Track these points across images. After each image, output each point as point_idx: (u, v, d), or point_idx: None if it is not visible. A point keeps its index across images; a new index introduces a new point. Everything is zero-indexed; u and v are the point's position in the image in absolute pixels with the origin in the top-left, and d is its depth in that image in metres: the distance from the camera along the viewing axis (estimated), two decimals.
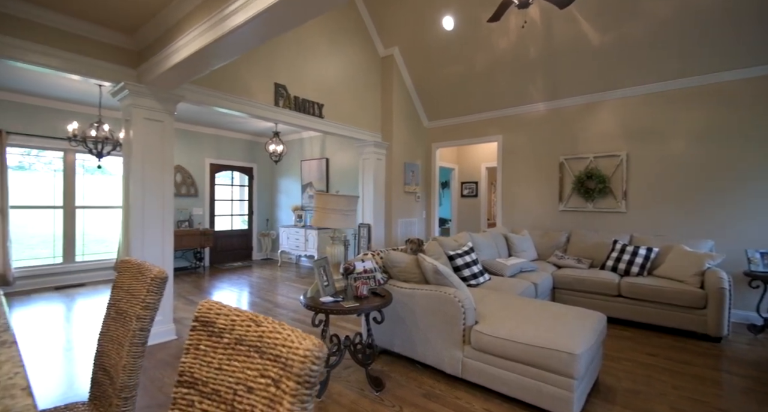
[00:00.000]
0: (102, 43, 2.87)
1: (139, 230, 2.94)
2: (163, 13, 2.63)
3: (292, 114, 4.16)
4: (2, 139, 4.28)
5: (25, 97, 4.60)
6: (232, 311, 0.82)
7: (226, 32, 2.12)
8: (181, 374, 0.81)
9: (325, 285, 2.34)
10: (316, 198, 2.51)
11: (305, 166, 6.88)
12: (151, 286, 1.20)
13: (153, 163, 3.03)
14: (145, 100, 2.96)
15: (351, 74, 4.91)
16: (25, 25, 2.52)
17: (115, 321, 1.34)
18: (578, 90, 4.54)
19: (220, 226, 6.92)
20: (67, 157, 5.00)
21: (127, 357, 1.16)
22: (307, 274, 6.01)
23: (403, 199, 5.56)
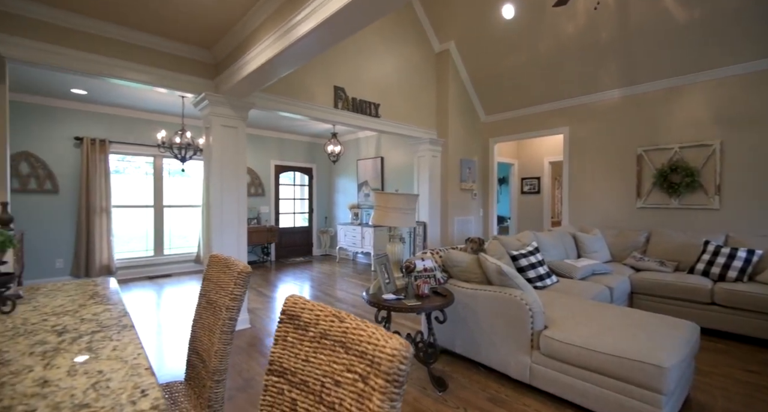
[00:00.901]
0: (185, 58, 3.19)
1: (218, 226, 3.23)
2: (236, 27, 2.85)
3: (350, 115, 4.27)
4: (106, 147, 4.96)
5: (123, 111, 5.28)
6: (315, 306, 0.87)
7: (293, 42, 2.23)
8: (271, 363, 0.88)
9: (386, 282, 2.38)
10: (376, 197, 2.55)
11: (361, 165, 7.04)
12: (238, 279, 1.31)
13: (229, 166, 3.31)
14: (222, 108, 3.24)
15: (406, 72, 4.91)
16: (123, 47, 2.89)
17: (206, 310, 1.49)
18: (660, 73, 4.07)
19: (284, 223, 7.36)
20: (156, 162, 5.67)
21: (218, 343, 1.28)
22: (363, 270, 6.16)
23: (459, 197, 5.45)
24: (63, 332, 0.94)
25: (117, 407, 0.61)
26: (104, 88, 4.32)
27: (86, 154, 4.79)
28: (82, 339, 0.90)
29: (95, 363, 0.77)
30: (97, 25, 2.71)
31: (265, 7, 2.48)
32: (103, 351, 0.83)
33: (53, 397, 0.64)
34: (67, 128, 4.82)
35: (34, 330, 0.96)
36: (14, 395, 0.64)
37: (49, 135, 4.71)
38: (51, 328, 0.98)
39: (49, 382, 0.69)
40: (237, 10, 2.61)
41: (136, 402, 0.62)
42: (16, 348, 0.84)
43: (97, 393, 0.65)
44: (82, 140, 4.81)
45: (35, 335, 0.93)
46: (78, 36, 2.66)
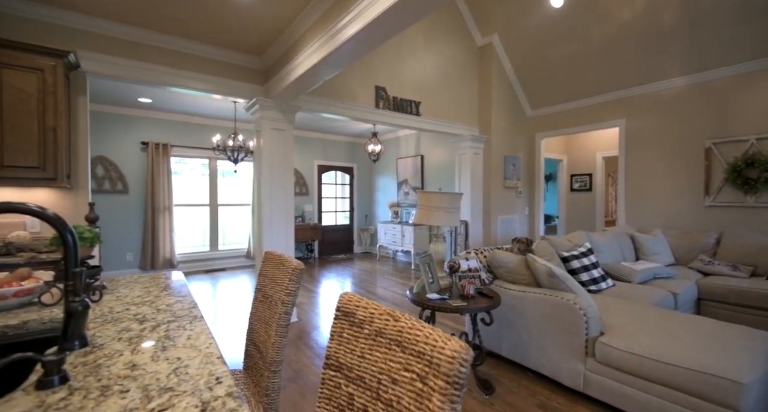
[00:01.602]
0: (238, 66, 3.38)
1: (268, 224, 3.40)
2: (284, 34, 2.96)
3: (391, 114, 4.29)
4: (168, 150, 5.39)
5: (182, 116, 5.70)
6: (369, 304, 0.89)
7: (339, 45, 2.29)
8: (327, 358, 0.92)
9: (430, 282, 2.37)
10: (420, 196, 2.55)
11: (401, 163, 7.04)
12: (292, 275, 1.37)
13: (278, 167, 3.46)
14: (271, 112, 3.39)
15: (447, 69, 4.83)
16: (184, 58, 3.11)
17: (262, 304, 1.57)
18: (732, 58, 3.66)
19: (326, 221, 7.57)
20: (211, 164, 6.07)
21: (274, 336, 1.35)
22: (403, 268, 6.18)
23: (503, 195, 5.28)
24: (143, 321, 1.05)
25: (196, 392, 0.66)
26: (166, 97, 4.69)
27: (151, 157, 5.25)
28: (159, 328, 0.99)
29: (173, 350, 0.85)
30: (161, 39, 2.95)
31: (312, 12, 2.56)
32: (179, 339, 0.91)
33: (142, 380, 0.71)
34: (135, 134, 5.31)
35: (119, 318, 1.07)
36: (110, 376, 0.73)
37: (120, 140, 5.21)
38: (133, 316, 1.09)
39: (137, 366, 0.77)
40: (285, 17, 2.72)
41: (212, 388, 0.68)
42: (106, 334, 0.95)
43: (178, 378, 0.72)
44: (148, 144, 5.27)
45: (120, 322, 1.04)
46: (145, 49, 2.92)
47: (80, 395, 0.65)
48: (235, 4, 2.53)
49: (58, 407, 0.61)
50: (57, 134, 2.27)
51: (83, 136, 2.63)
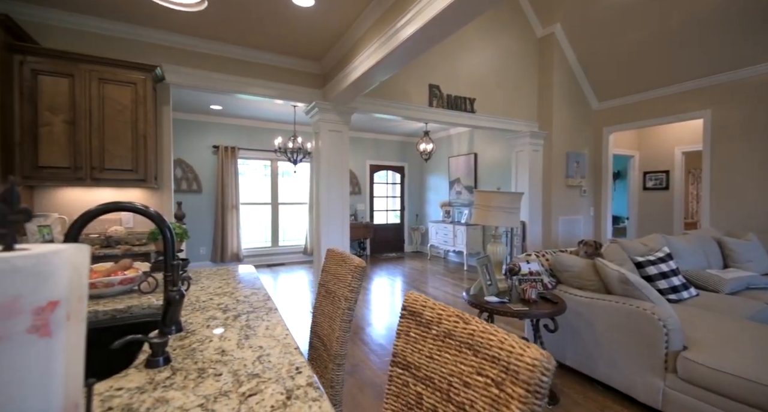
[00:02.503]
0: (299, 71, 3.55)
1: (326, 222, 3.54)
2: (342, 39, 3.05)
3: (445, 112, 4.23)
4: (235, 153, 5.84)
5: (247, 121, 6.13)
6: (437, 305, 0.89)
7: (396, 46, 2.31)
8: (394, 355, 0.94)
9: (488, 284, 2.30)
10: (477, 196, 2.49)
11: (453, 162, 6.92)
12: (355, 273, 1.41)
13: (334, 167, 3.59)
14: (329, 114, 3.52)
15: (504, 63, 4.65)
16: (249, 66, 3.34)
17: (325, 299, 1.64)
18: None
19: (377, 220, 7.68)
20: (272, 165, 6.46)
21: (338, 331, 1.40)
22: (455, 268, 6.07)
23: (565, 194, 4.96)
24: (226, 310, 1.15)
25: (280, 380, 0.72)
26: (234, 103, 5.08)
27: (221, 159, 5.72)
28: (240, 317, 1.08)
29: (255, 339, 0.92)
30: (231, 50, 3.20)
31: (370, 16, 2.61)
32: (258, 329, 0.99)
33: (231, 365, 0.78)
34: (207, 138, 5.82)
35: (205, 307, 1.18)
36: (204, 360, 0.81)
37: (194, 144, 5.75)
38: (216, 306, 1.19)
39: (226, 351, 0.85)
40: (343, 22, 2.80)
41: (294, 377, 0.73)
42: (196, 320, 1.06)
43: (262, 366, 0.78)
44: (218, 148, 5.75)
45: (207, 311, 1.14)
46: (217, 60, 3.18)
47: (181, 375, 0.74)
48: (298, 12, 2.65)
49: (165, 385, 0.70)
50: (147, 140, 2.57)
51: (167, 142, 2.94)
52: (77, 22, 2.65)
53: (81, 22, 2.66)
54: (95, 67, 2.41)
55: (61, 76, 2.32)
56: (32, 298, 0.42)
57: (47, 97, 2.28)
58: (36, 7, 2.51)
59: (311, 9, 2.62)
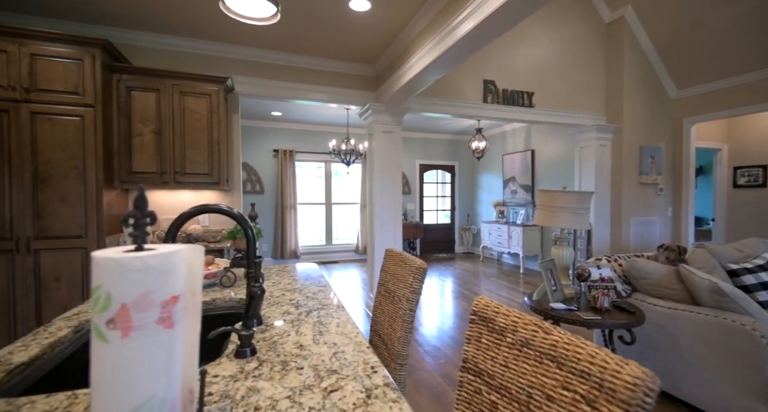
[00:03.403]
0: (353, 75, 3.64)
1: (379, 222, 3.59)
2: (396, 41, 3.07)
3: (500, 108, 4.07)
4: (293, 156, 6.15)
5: (303, 125, 6.42)
6: (511, 311, 0.86)
7: (453, 43, 2.26)
8: (465, 361, 0.92)
9: (553, 290, 2.18)
10: (541, 196, 2.36)
11: (507, 160, 6.64)
12: (416, 274, 1.41)
13: (387, 168, 3.62)
14: (382, 116, 3.56)
15: (566, 53, 4.36)
16: (307, 73, 3.48)
17: (385, 298, 1.66)
18: None
19: (427, 220, 7.62)
20: (326, 167, 6.70)
21: (400, 331, 1.41)
22: (510, 271, 5.82)
23: (638, 193, 4.52)
24: (298, 306, 1.21)
25: (358, 378, 0.74)
26: (292, 109, 5.34)
27: (280, 162, 6.05)
28: (312, 314, 1.13)
29: (328, 336, 0.96)
30: (291, 58, 3.36)
31: (425, 15, 2.59)
32: (330, 326, 1.03)
33: (310, 359, 0.82)
34: (268, 142, 6.19)
35: (279, 302, 1.26)
36: (285, 353, 0.85)
37: (257, 148, 6.14)
38: (289, 301, 1.26)
39: (303, 346, 0.89)
40: (398, 23, 2.81)
41: (370, 376, 0.74)
42: (273, 315, 1.12)
43: (339, 362, 0.81)
44: (278, 151, 6.10)
45: (281, 305, 1.21)
46: (279, 69, 3.36)
47: (267, 366, 0.79)
48: (354, 17, 2.71)
49: (254, 375, 0.75)
50: (219, 146, 2.79)
51: (236, 147, 3.18)
52: (160, 41, 2.96)
53: (163, 41, 2.96)
54: (177, 82, 2.67)
55: (150, 91, 2.61)
56: (160, 293, 0.47)
57: (138, 110, 2.58)
58: (127, 30, 2.84)
59: (367, 13, 2.66)
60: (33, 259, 2.17)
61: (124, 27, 2.80)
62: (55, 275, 2.21)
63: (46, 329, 0.98)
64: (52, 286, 2.21)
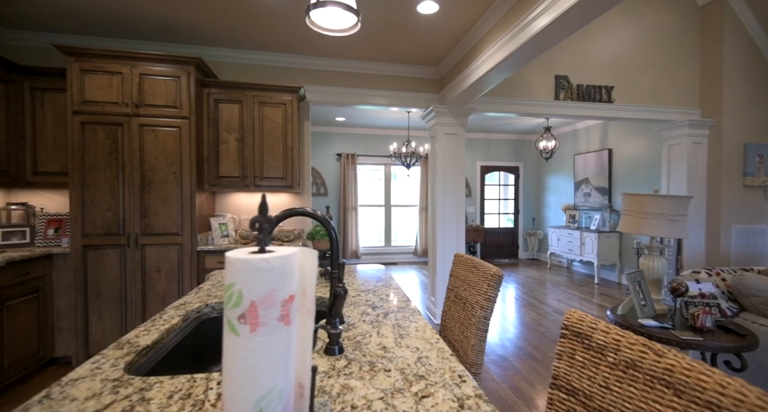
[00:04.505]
0: (416, 78, 3.65)
1: (441, 224, 3.55)
2: (462, 41, 3.02)
3: (574, 105, 3.79)
4: (355, 159, 6.34)
5: (364, 129, 6.59)
6: (611, 328, 0.79)
7: (526, 40, 2.16)
8: (555, 378, 0.87)
9: (642, 304, 1.97)
10: (627, 200, 2.15)
11: (579, 160, 6.16)
12: (491, 281, 1.37)
13: (450, 170, 3.57)
14: (445, 118, 3.52)
15: (651, 42, 3.93)
16: (370, 79, 3.56)
17: (455, 304, 1.63)
18: None
19: (488, 223, 7.36)
20: (385, 169, 6.80)
21: (473, 338, 1.38)
22: (582, 281, 5.38)
23: (742, 197, 3.92)
24: (375, 307, 1.24)
25: (447, 387, 0.73)
26: (355, 114, 5.51)
27: (343, 166, 6.28)
28: (389, 316, 1.15)
29: (408, 339, 0.96)
30: (357, 65, 3.47)
31: (495, 13, 2.51)
32: (409, 329, 1.03)
33: (396, 362, 0.83)
34: (332, 147, 6.47)
35: (356, 302, 1.29)
36: (370, 354, 0.88)
37: (322, 153, 6.44)
38: (365, 302, 1.30)
39: (387, 348, 0.91)
40: (465, 23, 2.76)
41: (460, 386, 0.73)
42: (352, 315, 1.16)
43: (425, 368, 0.81)
44: (341, 155, 6.33)
45: (358, 306, 1.25)
46: (345, 76, 3.48)
47: (356, 366, 0.81)
48: (421, 20, 2.72)
49: (345, 373, 0.78)
50: (293, 152, 2.98)
51: (307, 152, 3.36)
52: (242, 56, 3.24)
53: (244, 56, 3.24)
54: (257, 93, 2.90)
55: (234, 102, 2.87)
56: (281, 292, 0.51)
57: (224, 121, 2.85)
58: (214, 48, 3.16)
59: (434, 15, 2.65)
60: (140, 253, 2.51)
61: (211, 45, 3.12)
62: (156, 268, 2.53)
63: (161, 317, 1.12)
64: (154, 277, 2.53)
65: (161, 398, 0.68)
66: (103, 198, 2.45)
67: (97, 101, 2.44)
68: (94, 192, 2.44)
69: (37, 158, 2.60)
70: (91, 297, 2.44)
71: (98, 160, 2.44)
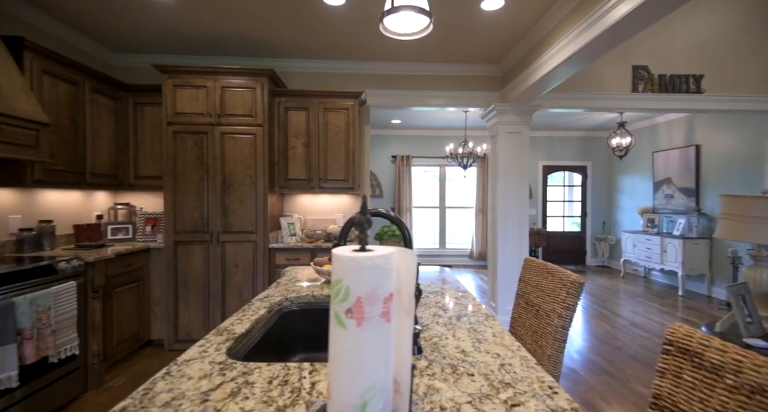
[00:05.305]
0: (475, 77, 3.57)
1: (502, 227, 3.42)
2: (527, 37, 2.89)
3: (656, 97, 3.44)
4: (409, 161, 6.37)
5: (420, 131, 6.59)
6: (728, 346, 0.70)
7: (604, 30, 2.01)
8: (656, 397, 0.79)
9: (747, 321, 1.72)
10: (727, 203, 1.90)
11: (659, 158, 5.56)
12: (571, 289, 1.29)
13: (512, 170, 3.43)
14: (507, 116, 3.39)
15: (749, 23, 3.43)
16: (427, 80, 3.54)
17: (526, 311, 1.56)
18: None
19: (551, 226, 6.94)
20: (440, 170, 6.73)
21: (550, 349, 1.31)
22: (663, 292, 4.84)
23: None
24: (446, 309, 1.23)
25: (538, 397, 0.70)
26: (410, 116, 5.53)
27: (398, 167, 6.34)
28: (462, 319, 1.14)
29: (486, 345, 0.94)
30: (415, 67, 3.48)
31: (565, 5, 2.37)
32: (485, 334, 1.01)
33: (478, 367, 0.82)
34: (388, 149, 6.56)
35: (426, 303, 1.30)
36: (450, 357, 0.87)
37: (378, 155, 6.56)
38: (435, 304, 1.29)
39: (465, 352, 0.90)
40: (531, 17, 2.64)
41: (552, 397, 0.70)
42: (424, 315, 1.16)
43: (509, 375, 0.78)
44: (396, 157, 6.40)
45: (429, 307, 1.25)
46: (404, 79, 3.51)
47: (438, 367, 0.82)
48: (484, 17, 2.65)
49: (428, 373, 0.79)
50: (354, 155, 3.07)
51: (366, 155, 3.45)
52: (308, 65, 3.42)
53: (310, 65, 3.42)
54: (322, 100, 3.05)
55: (301, 109, 3.04)
56: (383, 289, 0.53)
57: (293, 127, 3.03)
58: (283, 59, 3.38)
59: (498, 11, 2.57)
60: (221, 249, 2.76)
61: (280, 57, 3.34)
62: (234, 263, 2.76)
63: (249, 308, 1.23)
64: (232, 271, 2.77)
65: (262, 383, 0.74)
66: (191, 199, 2.74)
67: (186, 113, 2.74)
68: (184, 194, 2.73)
69: (138, 164, 2.98)
70: (180, 287, 2.73)
71: (187, 165, 2.74)
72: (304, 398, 0.69)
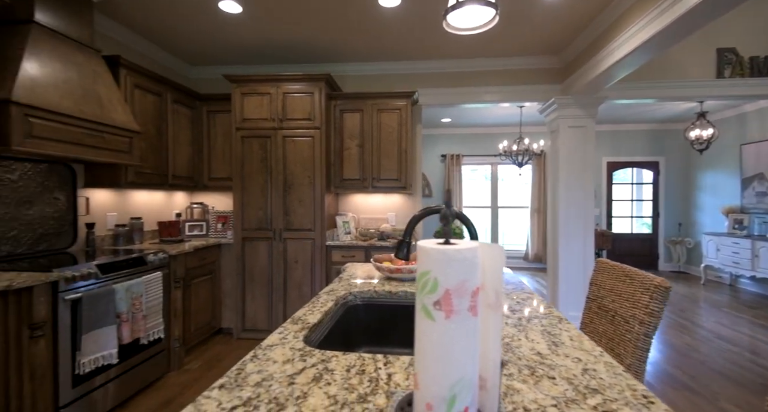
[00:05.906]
0: (532, 70, 3.41)
1: (564, 228, 3.23)
2: (592, 24, 2.70)
3: (746, 82, 3.05)
4: (460, 160, 6.25)
5: (471, 129, 6.44)
6: None
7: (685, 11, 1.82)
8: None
9: None
10: None
11: (748, 151, 4.90)
12: (655, 294, 1.19)
13: (575, 167, 3.23)
14: (570, 109, 3.20)
15: None
16: (480, 76, 3.44)
17: (599, 317, 1.46)
18: None
19: (617, 228, 6.41)
20: (492, 169, 6.52)
21: (631, 358, 1.21)
22: (754, 302, 4.26)
23: None
24: (514, 311, 1.19)
25: (632, 406, 0.66)
26: (461, 113, 5.42)
27: (448, 166, 6.25)
28: (532, 321, 1.09)
29: (564, 348, 0.90)
30: (466, 63, 3.41)
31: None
32: (561, 337, 0.97)
33: (558, 370, 0.78)
34: (437, 148, 6.50)
35: None
36: (525, 358, 0.85)
37: (427, 154, 6.53)
38: None
39: (542, 355, 0.86)
40: (597, 3, 2.46)
41: (648, 407, 0.65)
42: None
43: (595, 381, 0.74)
44: (446, 156, 6.31)
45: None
46: (454, 76, 3.46)
47: (514, 368, 0.79)
48: (544, 6, 2.53)
49: (505, 374, 0.77)
50: (407, 155, 3.09)
51: (418, 154, 3.45)
52: (361, 68, 3.50)
53: (363, 68, 3.50)
54: (375, 101, 3.10)
55: (355, 111, 3.12)
56: (470, 283, 0.53)
57: (348, 129, 3.12)
58: (337, 63, 3.49)
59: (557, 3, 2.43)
60: (283, 245, 2.92)
61: (336, 61, 3.45)
62: (295, 259, 2.91)
63: (317, 300, 1.28)
64: (293, 266, 2.92)
65: (341, 371, 0.78)
66: (256, 199, 2.94)
67: (252, 118, 2.94)
68: (250, 194, 2.94)
69: (211, 167, 3.26)
70: (246, 281, 2.94)
71: (253, 167, 2.94)
72: (382, 388, 0.71)
